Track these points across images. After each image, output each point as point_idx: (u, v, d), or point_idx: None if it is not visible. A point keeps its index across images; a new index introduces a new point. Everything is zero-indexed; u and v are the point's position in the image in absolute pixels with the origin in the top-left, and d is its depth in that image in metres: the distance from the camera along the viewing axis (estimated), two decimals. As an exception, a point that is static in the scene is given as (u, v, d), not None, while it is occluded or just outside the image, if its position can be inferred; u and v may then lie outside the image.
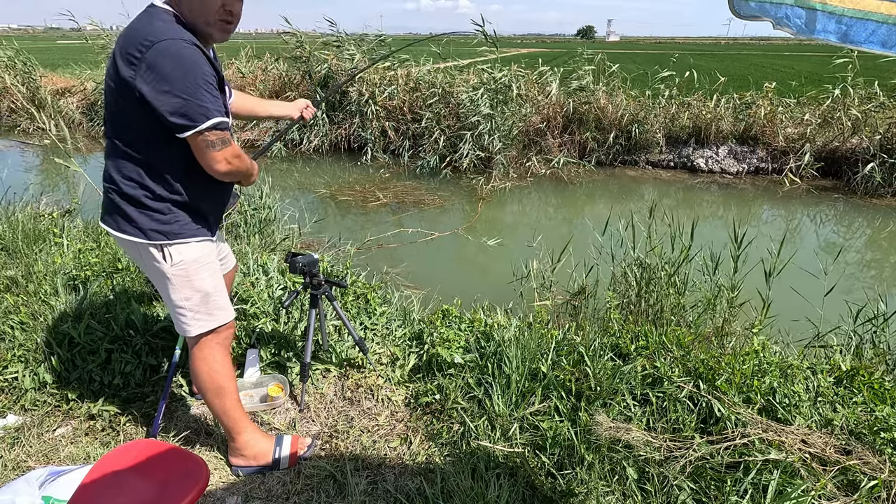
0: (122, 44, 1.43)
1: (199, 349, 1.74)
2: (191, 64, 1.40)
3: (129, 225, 1.57)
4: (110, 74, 1.47)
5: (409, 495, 1.78)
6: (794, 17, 1.01)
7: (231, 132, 1.55)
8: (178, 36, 1.40)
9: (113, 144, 1.54)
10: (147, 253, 1.61)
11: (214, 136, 1.47)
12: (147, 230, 1.57)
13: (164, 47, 1.37)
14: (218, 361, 1.76)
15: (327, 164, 8.98)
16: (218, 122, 1.46)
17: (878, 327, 2.72)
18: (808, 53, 39.02)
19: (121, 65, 1.41)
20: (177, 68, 1.38)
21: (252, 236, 4.18)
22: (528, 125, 8.61)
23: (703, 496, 1.68)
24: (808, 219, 6.92)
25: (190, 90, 1.40)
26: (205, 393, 1.78)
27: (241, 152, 1.58)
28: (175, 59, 1.38)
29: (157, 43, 1.37)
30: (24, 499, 1.53)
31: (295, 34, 9.86)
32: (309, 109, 2.15)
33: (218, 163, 1.50)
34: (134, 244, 1.60)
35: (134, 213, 1.56)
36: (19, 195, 4.70)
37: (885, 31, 0.93)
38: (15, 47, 11.07)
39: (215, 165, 1.50)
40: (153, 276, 1.68)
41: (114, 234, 1.62)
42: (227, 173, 1.54)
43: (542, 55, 14.66)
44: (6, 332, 2.39)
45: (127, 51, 1.40)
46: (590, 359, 2.12)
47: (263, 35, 66.46)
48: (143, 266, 1.68)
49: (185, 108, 1.40)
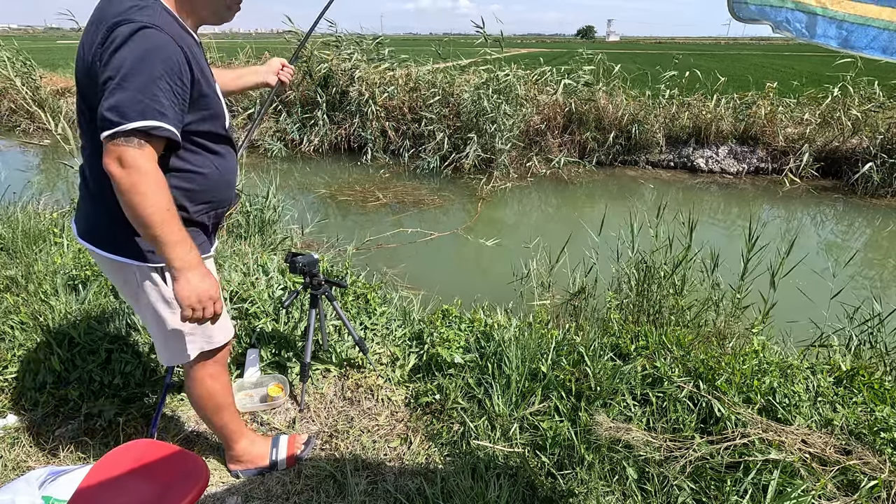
0: (89, 25, 1.25)
1: (196, 371, 1.60)
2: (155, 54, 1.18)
3: (120, 246, 1.38)
4: (76, 65, 1.28)
5: (409, 495, 1.78)
6: (794, 21, 1.01)
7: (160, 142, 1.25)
8: (147, 21, 1.19)
9: (93, 150, 1.29)
10: (142, 275, 1.42)
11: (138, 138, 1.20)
12: (144, 251, 1.38)
13: (126, 31, 1.17)
14: (216, 379, 1.64)
15: (327, 164, 8.97)
16: (152, 127, 1.19)
17: (874, 328, 2.72)
18: (808, 53, 39.00)
19: (84, 52, 1.24)
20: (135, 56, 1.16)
21: (253, 236, 4.18)
22: (529, 125, 8.62)
23: (703, 496, 1.68)
24: (808, 219, 6.92)
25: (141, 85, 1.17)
26: (202, 410, 1.69)
27: (154, 175, 1.21)
28: (135, 47, 1.17)
29: (124, 25, 1.17)
30: (24, 499, 1.53)
31: (296, 33, 9.86)
32: (287, 70, 1.88)
33: (111, 158, 1.18)
34: (124, 266, 1.41)
35: (126, 234, 1.34)
36: (19, 195, 4.71)
37: (886, 37, 0.93)
38: (14, 47, 11.06)
39: (108, 159, 1.18)
40: (144, 299, 1.46)
41: (100, 255, 1.41)
42: (116, 177, 1.18)
43: (543, 55, 14.65)
44: (6, 332, 2.39)
45: (92, 35, 1.23)
46: (590, 359, 2.12)
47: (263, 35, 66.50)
48: (131, 289, 1.46)
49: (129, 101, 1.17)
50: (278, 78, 1.87)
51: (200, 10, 1.37)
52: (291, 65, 1.92)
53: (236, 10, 1.43)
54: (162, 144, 1.26)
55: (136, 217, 1.21)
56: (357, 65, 9.21)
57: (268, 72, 1.85)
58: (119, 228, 1.35)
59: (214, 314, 1.35)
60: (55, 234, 3.61)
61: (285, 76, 1.88)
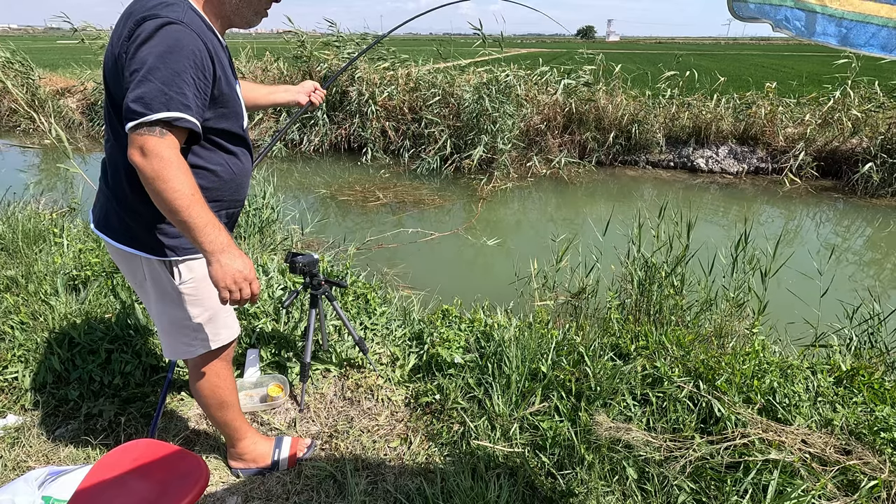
0: (118, 25, 1.30)
1: (201, 368, 1.62)
2: (179, 49, 1.21)
3: (129, 237, 1.42)
4: (104, 63, 1.33)
5: (409, 495, 1.78)
6: (793, 20, 1.01)
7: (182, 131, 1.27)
8: (174, 17, 1.22)
9: (116, 141, 1.35)
10: (151, 268, 1.45)
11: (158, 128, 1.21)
12: (154, 245, 1.41)
13: (151, 27, 1.20)
14: (220, 376, 1.66)
15: (327, 164, 8.97)
16: (175, 118, 1.21)
17: (874, 328, 2.72)
18: (808, 53, 39.01)
19: (114, 50, 1.28)
20: (161, 51, 1.20)
21: (252, 236, 4.18)
22: (529, 125, 8.62)
23: (703, 496, 1.68)
24: (808, 219, 6.92)
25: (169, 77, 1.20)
26: (206, 408, 1.71)
27: (177, 162, 1.22)
28: (161, 42, 1.20)
29: (150, 21, 1.21)
30: (23, 499, 1.53)
31: (296, 33, 9.86)
32: (318, 93, 1.96)
33: (135, 146, 1.19)
34: (134, 257, 1.44)
35: (138, 226, 1.40)
36: (19, 195, 4.71)
37: (885, 34, 0.93)
38: (11, 48, 11.04)
39: (131, 148, 1.20)
40: (152, 292, 1.50)
41: (111, 244, 1.45)
42: (140, 167, 1.19)
43: (542, 55, 14.65)
44: (6, 332, 2.39)
45: (121, 34, 1.27)
46: (590, 359, 2.12)
47: (263, 35, 66.51)
48: (141, 281, 1.50)
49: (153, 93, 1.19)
50: (309, 98, 1.95)
51: (230, 13, 1.40)
52: (323, 88, 2.02)
53: (264, 16, 1.46)
54: (184, 135, 1.27)
55: (163, 204, 1.22)
56: (357, 65, 9.21)
57: (300, 91, 1.94)
58: (129, 219, 1.40)
59: (252, 295, 1.34)
60: (55, 234, 3.61)
61: (316, 98, 1.98)
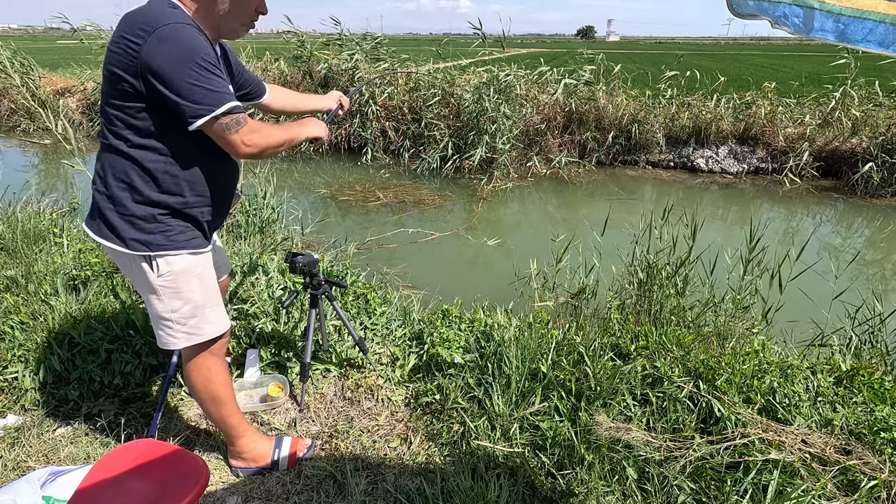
0: (122, 27, 1.38)
1: (191, 360, 1.69)
2: (196, 47, 1.36)
3: (110, 232, 1.50)
4: (107, 60, 1.41)
5: (409, 495, 1.78)
6: (791, 16, 1.01)
7: (244, 112, 1.48)
8: (181, 20, 1.37)
9: (105, 140, 1.47)
10: (132, 261, 1.54)
11: (229, 119, 1.41)
12: (128, 240, 1.49)
13: (169, 31, 1.33)
14: (212, 371, 1.70)
15: (327, 164, 8.98)
16: (232, 107, 1.41)
17: (875, 328, 2.72)
18: (808, 53, 39.00)
19: (117, 50, 1.36)
20: (182, 53, 1.34)
21: (253, 236, 4.18)
22: (529, 125, 8.62)
23: (703, 496, 1.68)
24: (809, 219, 6.92)
25: (201, 76, 1.36)
26: (201, 402, 1.75)
27: (259, 126, 1.48)
28: (180, 43, 1.34)
29: (163, 27, 1.33)
30: (25, 499, 1.53)
31: (296, 33, 9.86)
32: (344, 100, 2.17)
33: (237, 146, 1.45)
34: (119, 252, 1.52)
35: (116, 219, 1.48)
36: (19, 195, 4.71)
37: (882, 29, 0.93)
38: (12, 47, 11.04)
39: (236, 150, 1.46)
40: (138, 284, 1.60)
41: (96, 240, 1.54)
42: (254, 154, 1.48)
43: (543, 55, 14.64)
44: (6, 332, 2.39)
45: (125, 35, 1.35)
46: (590, 359, 2.12)
47: (263, 35, 66.49)
48: (127, 273, 1.61)
49: (200, 94, 1.36)
50: (339, 103, 2.16)
51: (218, 24, 1.51)
52: (347, 98, 2.22)
53: (250, 27, 1.60)
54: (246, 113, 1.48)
55: (281, 148, 1.56)
56: (357, 65, 9.21)
57: (332, 100, 2.16)
58: (114, 217, 1.49)
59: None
60: (55, 234, 3.61)
61: (343, 103, 2.19)
